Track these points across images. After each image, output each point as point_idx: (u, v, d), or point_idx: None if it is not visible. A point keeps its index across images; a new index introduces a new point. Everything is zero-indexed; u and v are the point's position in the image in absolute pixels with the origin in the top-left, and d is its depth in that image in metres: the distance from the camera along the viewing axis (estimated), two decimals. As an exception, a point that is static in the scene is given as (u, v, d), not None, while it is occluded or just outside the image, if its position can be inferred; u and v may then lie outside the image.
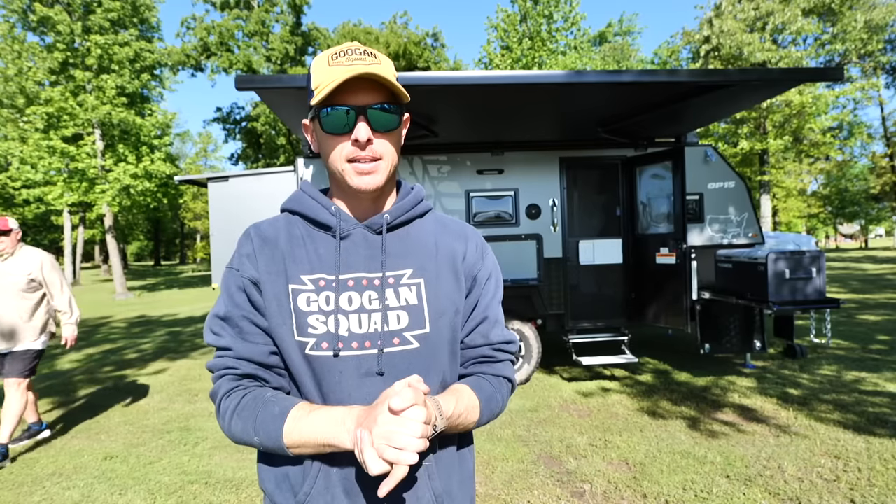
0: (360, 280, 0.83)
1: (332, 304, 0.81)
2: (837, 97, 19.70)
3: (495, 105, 4.01)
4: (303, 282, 0.81)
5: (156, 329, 9.21)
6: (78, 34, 15.71)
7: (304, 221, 0.87)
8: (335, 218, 0.85)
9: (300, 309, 0.80)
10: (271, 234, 0.86)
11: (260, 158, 27.34)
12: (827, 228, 48.29)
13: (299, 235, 0.86)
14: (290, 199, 0.91)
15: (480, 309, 0.92)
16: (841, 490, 2.66)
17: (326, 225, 0.85)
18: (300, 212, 0.88)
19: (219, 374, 0.82)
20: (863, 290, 10.95)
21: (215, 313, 0.84)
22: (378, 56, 0.80)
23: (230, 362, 0.81)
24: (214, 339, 0.84)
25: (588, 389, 4.64)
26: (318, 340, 0.79)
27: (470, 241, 0.93)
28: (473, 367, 0.92)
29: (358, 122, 0.77)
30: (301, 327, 0.80)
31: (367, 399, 0.76)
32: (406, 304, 0.83)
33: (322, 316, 0.80)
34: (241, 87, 3.37)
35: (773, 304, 4.42)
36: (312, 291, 0.81)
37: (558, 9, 22.09)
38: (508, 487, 2.86)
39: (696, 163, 4.93)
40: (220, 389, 0.80)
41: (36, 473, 3.19)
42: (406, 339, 0.82)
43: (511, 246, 4.87)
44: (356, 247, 0.84)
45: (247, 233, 0.88)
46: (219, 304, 0.85)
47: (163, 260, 55.63)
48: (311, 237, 0.85)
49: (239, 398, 0.78)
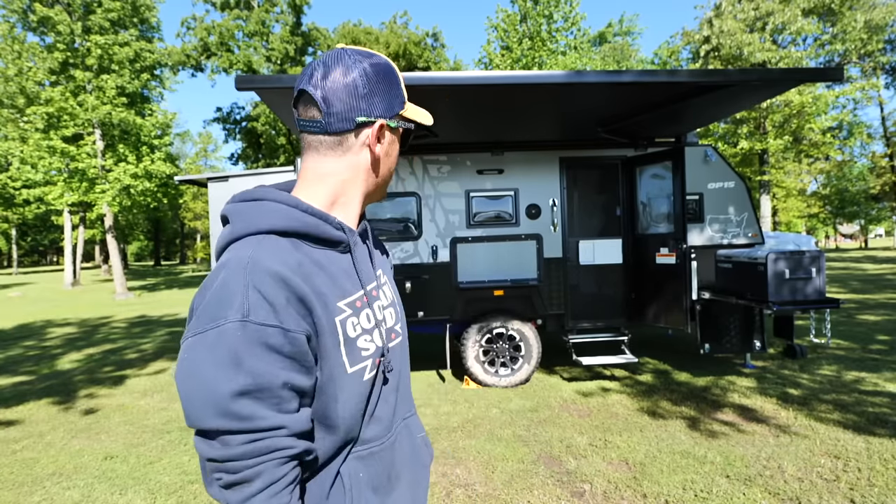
0: (373, 289, 0.84)
1: (371, 319, 0.80)
2: (837, 97, 19.70)
3: (495, 105, 4.01)
4: (342, 309, 0.75)
5: (156, 329, 9.21)
6: (78, 34, 15.71)
7: (306, 242, 0.75)
8: (343, 232, 0.79)
9: (349, 337, 0.74)
10: (296, 266, 0.71)
11: (260, 158, 27.34)
12: (827, 228, 48.29)
13: (317, 260, 0.75)
14: (275, 216, 0.73)
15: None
16: (841, 490, 2.67)
17: (337, 241, 0.78)
18: (306, 232, 0.75)
19: (260, 460, 0.64)
20: (863, 290, 10.95)
21: (242, 388, 0.63)
22: None
23: (283, 442, 0.65)
24: (248, 423, 0.63)
25: (588, 389, 4.64)
26: (373, 360, 0.79)
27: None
28: None
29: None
30: (353, 356, 0.75)
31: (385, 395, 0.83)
32: (392, 301, 0.91)
33: (367, 335, 0.78)
34: (241, 88, 3.37)
35: (773, 304, 4.42)
36: (353, 315, 0.76)
37: (558, 9, 22.07)
38: (508, 487, 2.86)
39: (696, 163, 4.93)
40: (264, 477, 0.64)
41: (36, 473, 3.19)
42: (398, 332, 0.89)
43: (511, 246, 4.87)
44: (363, 256, 0.85)
45: (271, 274, 0.67)
46: (233, 375, 0.63)
47: (163, 260, 55.64)
48: (328, 258, 0.77)
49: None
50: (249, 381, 0.63)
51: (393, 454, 0.83)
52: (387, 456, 0.81)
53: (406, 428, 0.89)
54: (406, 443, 0.87)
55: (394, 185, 4.83)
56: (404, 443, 0.87)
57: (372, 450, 0.79)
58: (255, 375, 0.63)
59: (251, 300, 0.65)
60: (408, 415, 0.91)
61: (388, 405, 0.83)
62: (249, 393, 0.63)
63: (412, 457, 0.88)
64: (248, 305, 0.64)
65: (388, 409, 0.83)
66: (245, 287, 0.65)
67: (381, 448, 0.81)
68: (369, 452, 0.79)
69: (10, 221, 33.93)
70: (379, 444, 0.80)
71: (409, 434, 0.90)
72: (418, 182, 4.88)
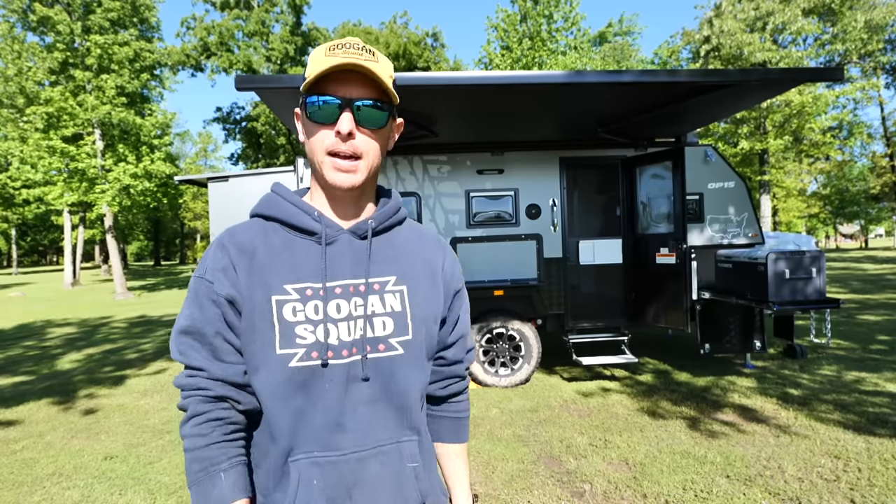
0: (348, 287, 0.81)
1: (320, 312, 0.78)
2: (837, 97, 19.69)
3: (495, 105, 4.01)
4: (287, 292, 0.78)
5: (156, 329, 9.21)
6: (78, 34, 15.72)
7: (284, 227, 0.83)
8: (319, 223, 0.81)
9: (286, 320, 0.77)
10: (247, 243, 0.81)
11: (260, 158, 27.34)
12: (827, 228, 48.30)
13: (279, 243, 0.81)
14: (263, 203, 0.85)
15: (462, 324, 0.98)
16: (841, 490, 2.66)
17: (310, 231, 0.81)
18: (279, 217, 0.83)
19: (188, 394, 0.79)
20: (863, 291, 10.95)
21: (183, 328, 0.79)
22: (376, 55, 0.79)
23: (203, 383, 0.77)
24: (183, 357, 0.79)
25: (588, 389, 4.64)
26: (308, 350, 0.77)
27: (447, 252, 0.96)
28: (451, 386, 0.98)
29: (343, 114, 0.76)
30: (287, 339, 0.76)
31: (353, 405, 0.79)
32: (391, 310, 0.83)
33: (310, 325, 0.77)
34: (241, 88, 3.36)
35: (774, 304, 4.42)
36: (298, 301, 0.78)
37: (558, 9, 22.06)
38: (508, 487, 2.86)
39: (696, 163, 4.93)
40: (190, 408, 0.78)
41: (36, 473, 3.19)
42: (391, 346, 0.81)
43: (511, 246, 4.86)
44: (342, 253, 0.82)
45: (220, 242, 0.81)
46: (185, 315, 0.79)
47: (163, 260, 55.63)
48: (292, 244, 0.81)
49: (204, 442, 0.76)
50: (188, 322, 0.79)
51: (360, 470, 0.78)
52: (349, 469, 0.77)
53: (397, 452, 0.81)
54: (385, 468, 0.80)
55: (394, 184, 4.84)
56: (383, 466, 0.80)
57: (331, 458, 0.76)
58: (191, 318, 0.79)
59: (205, 260, 0.81)
60: (403, 439, 0.83)
61: (358, 417, 0.78)
62: (188, 332, 0.79)
63: (391, 483, 0.80)
64: (203, 264, 0.81)
65: (360, 421, 0.78)
66: (207, 251, 0.83)
67: (344, 459, 0.77)
68: (327, 460, 0.76)
69: (10, 221, 33.95)
70: (340, 454, 0.77)
71: (397, 459, 0.81)
72: (418, 182, 4.88)
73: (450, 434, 0.98)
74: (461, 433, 1.00)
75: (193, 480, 0.75)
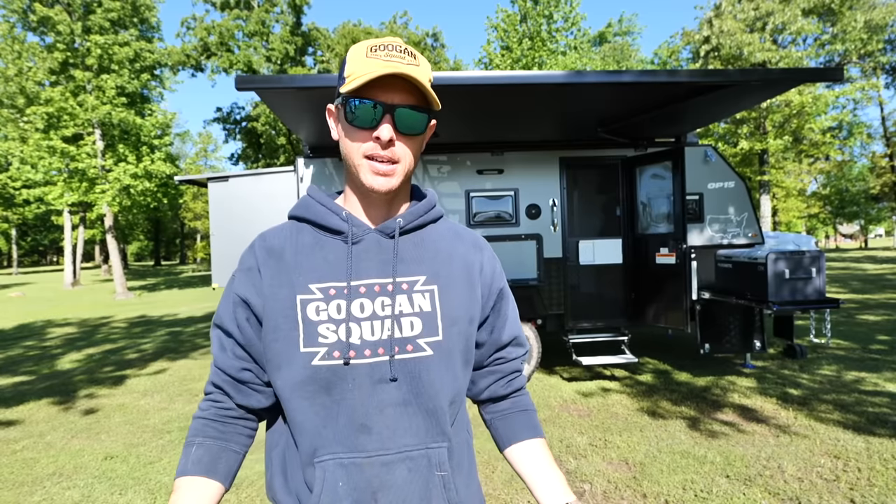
0: (373, 286, 0.80)
1: (343, 311, 0.78)
2: (837, 97, 19.70)
3: (495, 105, 4.01)
4: (311, 291, 0.79)
5: (156, 329, 9.21)
6: (78, 34, 15.71)
7: (314, 228, 0.85)
8: (346, 223, 0.82)
9: (309, 319, 0.78)
10: (277, 245, 0.83)
11: (260, 158, 27.32)
12: (827, 228, 48.29)
13: (308, 243, 0.83)
14: (297, 205, 0.88)
15: (513, 322, 0.95)
16: (841, 490, 2.67)
17: (337, 230, 0.82)
18: (309, 218, 0.85)
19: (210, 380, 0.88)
20: (863, 290, 10.95)
21: (213, 319, 0.87)
22: (417, 57, 0.78)
23: (212, 370, 0.86)
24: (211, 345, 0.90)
25: (588, 389, 4.64)
26: (330, 349, 0.77)
27: (484, 252, 0.93)
28: (514, 381, 0.96)
29: (384, 121, 0.76)
30: (310, 337, 0.77)
31: (381, 406, 0.77)
32: (420, 310, 0.81)
33: (333, 324, 0.77)
34: (241, 88, 3.37)
35: (773, 304, 4.42)
36: (321, 300, 0.78)
37: (558, 9, 22.07)
38: (508, 487, 2.86)
39: (696, 163, 4.93)
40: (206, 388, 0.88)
41: (36, 473, 3.19)
42: (419, 346, 0.79)
43: (511, 246, 4.87)
44: (368, 252, 0.81)
45: (252, 244, 0.86)
46: (218, 309, 0.87)
47: (163, 260, 55.65)
48: (321, 244, 0.82)
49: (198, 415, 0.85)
50: (216, 315, 0.86)
51: (386, 475, 0.76)
52: (374, 473, 0.76)
53: (425, 458, 0.78)
54: (413, 474, 0.77)
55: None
56: (411, 472, 0.77)
57: (356, 460, 0.75)
58: (217, 311, 0.86)
59: (239, 264, 0.87)
60: (432, 445, 0.79)
61: (385, 418, 0.77)
62: (214, 324, 0.85)
63: (418, 491, 0.77)
64: (239, 265, 0.87)
65: (386, 423, 0.77)
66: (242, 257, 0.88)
67: (369, 462, 0.76)
68: (352, 462, 0.76)
69: (10, 221, 33.95)
70: (366, 455, 0.76)
71: (426, 466, 0.78)
72: (418, 182, 4.88)
73: (527, 429, 0.93)
74: (538, 426, 0.95)
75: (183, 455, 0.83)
